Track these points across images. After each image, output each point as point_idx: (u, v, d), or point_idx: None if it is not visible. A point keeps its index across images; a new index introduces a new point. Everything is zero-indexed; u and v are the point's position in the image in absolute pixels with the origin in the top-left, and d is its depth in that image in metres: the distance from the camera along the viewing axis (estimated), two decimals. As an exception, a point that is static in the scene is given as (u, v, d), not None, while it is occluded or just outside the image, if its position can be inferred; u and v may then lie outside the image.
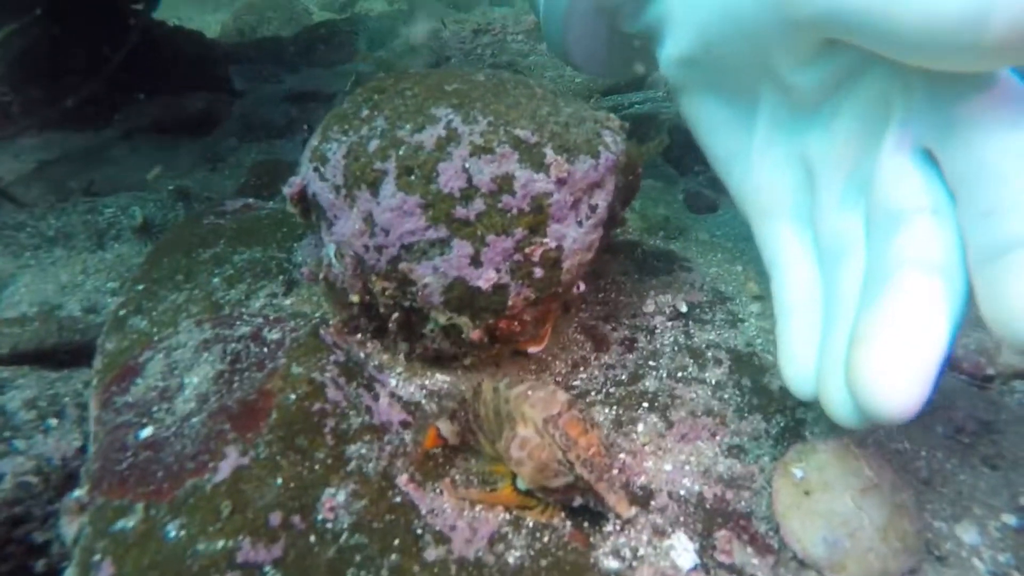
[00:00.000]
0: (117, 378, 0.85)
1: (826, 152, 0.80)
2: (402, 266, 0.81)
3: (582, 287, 0.88)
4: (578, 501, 0.67)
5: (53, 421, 0.97)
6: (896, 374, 0.58)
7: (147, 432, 0.74)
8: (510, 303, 0.79)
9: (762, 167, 0.90)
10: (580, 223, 0.82)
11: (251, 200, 1.33)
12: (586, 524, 0.69)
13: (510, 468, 0.69)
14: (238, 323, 0.90)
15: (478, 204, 0.78)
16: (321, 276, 0.93)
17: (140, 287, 1.03)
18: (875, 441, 0.81)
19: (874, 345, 0.60)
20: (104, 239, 1.60)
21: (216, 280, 1.01)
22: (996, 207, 0.59)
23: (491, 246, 0.78)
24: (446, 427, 0.73)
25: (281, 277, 1.03)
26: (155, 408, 0.78)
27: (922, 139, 0.68)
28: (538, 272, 0.79)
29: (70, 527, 0.72)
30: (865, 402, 0.59)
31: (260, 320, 0.91)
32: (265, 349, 0.84)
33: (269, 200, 1.39)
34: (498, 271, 0.78)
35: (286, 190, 0.92)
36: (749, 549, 0.68)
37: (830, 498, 0.68)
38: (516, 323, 0.82)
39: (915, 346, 0.58)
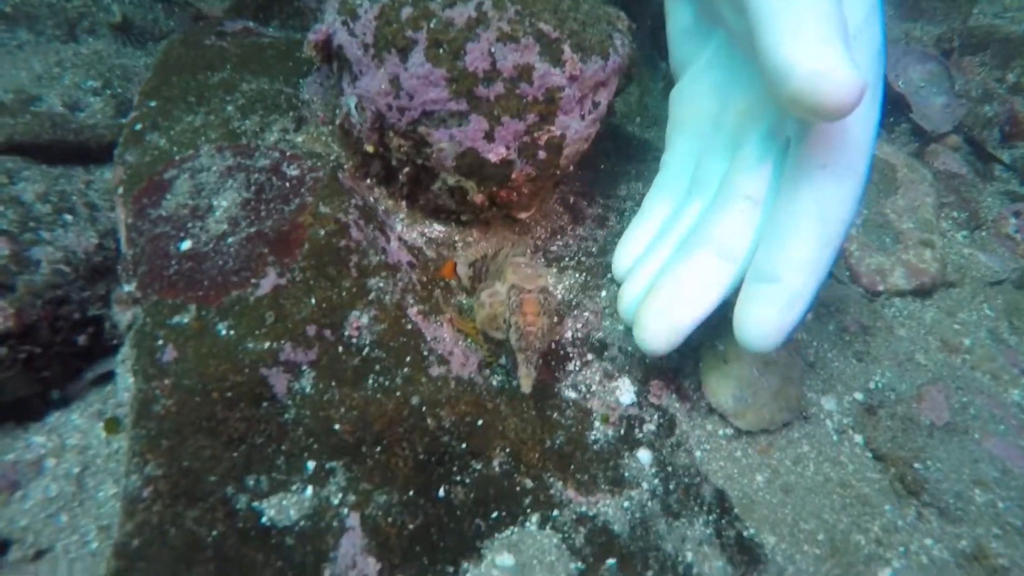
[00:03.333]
0: (145, 191, 0.94)
1: (737, 102, 0.92)
2: (421, 129, 0.91)
3: (571, 169, 1.01)
4: (503, 359, 0.82)
5: (68, 217, 1.04)
6: (658, 330, 0.80)
7: (187, 245, 0.85)
8: (513, 176, 0.92)
9: (696, 84, 1.00)
10: (583, 117, 0.93)
11: (250, 23, 1.33)
12: (553, 363, 0.87)
13: (476, 309, 0.84)
14: (256, 154, 0.99)
15: (498, 87, 0.87)
16: (338, 123, 1.01)
17: (152, 103, 1.07)
18: (781, 328, 1.02)
19: (655, 302, 0.82)
20: (76, 30, 1.56)
21: (230, 108, 1.07)
22: (776, 240, 0.76)
23: (505, 126, 0.88)
24: (463, 269, 0.87)
25: (291, 113, 1.10)
26: (189, 224, 0.88)
27: (789, 131, 0.82)
28: (542, 154, 0.91)
29: (122, 315, 0.84)
30: (635, 335, 0.82)
31: (277, 155, 0.99)
32: (286, 184, 0.93)
33: (268, 25, 1.39)
34: (508, 148, 0.90)
35: (311, 36, 0.97)
36: (674, 396, 0.89)
37: (740, 366, 0.89)
38: (515, 194, 0.94)
39: (679, 314, 0.80)
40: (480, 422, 0.78)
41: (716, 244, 0.82)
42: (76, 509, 0.83)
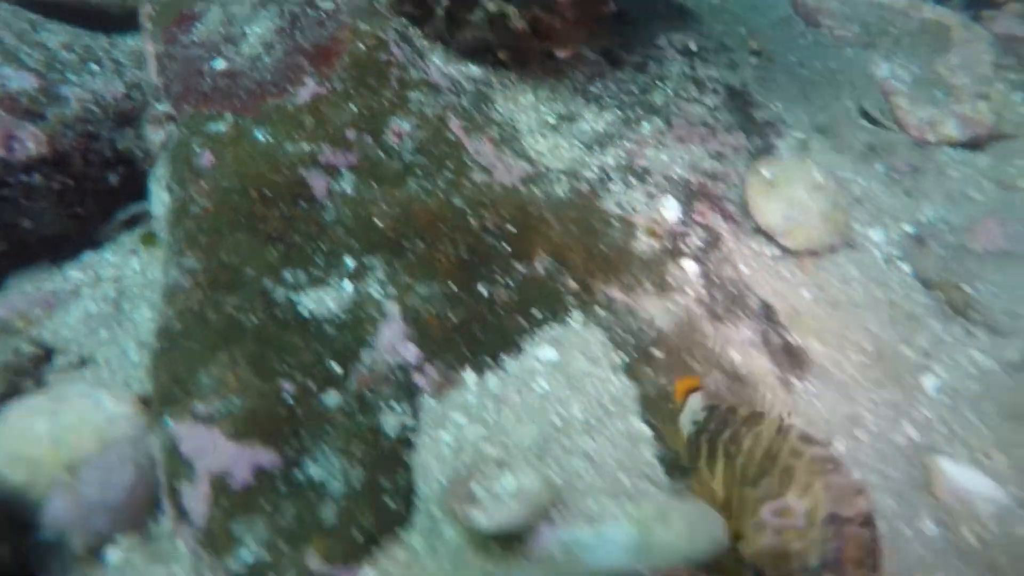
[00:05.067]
0: (176, 22, 0.92)
1: None
2: (457, -53, 0.87)
3: (613, 7, 0.96)
4: None
5: (95, 67, 1.02)
6: None
7: (221, 64, 0.83)
8: (556, -2, 0.88)
9: None
10: (626, -70, 0.88)
11: None
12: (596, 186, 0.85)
13: (741, 520, 0.57)
14: (287, -11, 0.96)
15: None
16: (369, -47, 0.97)
17: (178, -56, 1.04)
18: (827, 165, 0.98)
19: None
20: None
21: (257, -52, 1.04)
22: None
23: (546, -65, 0.84)
24: (696, 401, 0.65)
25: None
26: (222, 48, 0.86)
27: None
28: (584, -30, 0.87)
29: (155, 134, 0.83)
30: None
31: (309, -11, 0.96)
32: (322, 13, 0.90)
33: None
34: (549, -37, 0.86)
35: None
36: (719, 217, 0.87)
37: (790, 189, 0.86)
38: (558, 20, 0.91)
39: None
40: (525, 225, 0.76)
41: None
42: (115, 328, 0.83)
